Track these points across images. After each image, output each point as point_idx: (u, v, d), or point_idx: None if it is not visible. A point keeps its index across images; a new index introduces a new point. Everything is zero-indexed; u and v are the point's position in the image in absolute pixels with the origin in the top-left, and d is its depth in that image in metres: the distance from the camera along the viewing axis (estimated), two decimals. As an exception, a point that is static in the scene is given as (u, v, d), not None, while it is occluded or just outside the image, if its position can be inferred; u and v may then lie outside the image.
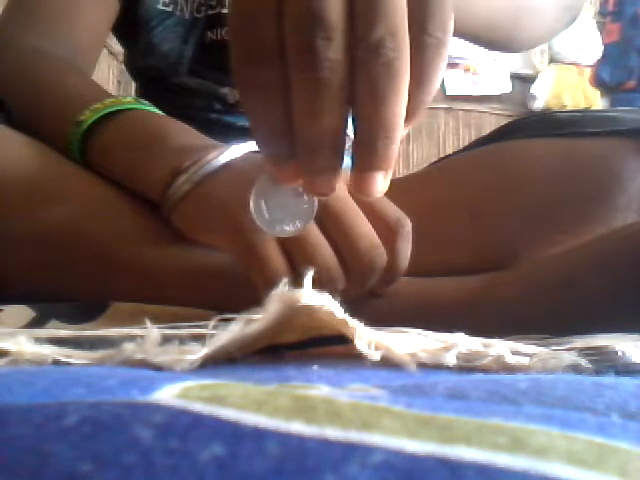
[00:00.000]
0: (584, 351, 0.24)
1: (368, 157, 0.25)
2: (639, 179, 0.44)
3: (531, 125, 0.50)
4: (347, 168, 0.26)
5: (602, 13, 2.39)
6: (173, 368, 0.20)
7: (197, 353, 0.20)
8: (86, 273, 0.40)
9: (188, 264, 0.40)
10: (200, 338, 0.21)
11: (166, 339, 0.21)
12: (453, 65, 2.28)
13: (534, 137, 0.48)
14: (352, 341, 0.21)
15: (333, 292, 0.21)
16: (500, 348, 0.23)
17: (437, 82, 0.25)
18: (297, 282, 0.21)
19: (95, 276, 0.40)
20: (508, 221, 0.45)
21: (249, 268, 0.35)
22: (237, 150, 0.38)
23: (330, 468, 0.11)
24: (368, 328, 0.21)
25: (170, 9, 0.64)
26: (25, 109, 0.46)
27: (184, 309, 0.39)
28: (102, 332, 0.26)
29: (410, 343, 0.22)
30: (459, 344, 0.22)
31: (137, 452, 0.11)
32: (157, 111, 0.43)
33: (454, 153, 0.58)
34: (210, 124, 0.65)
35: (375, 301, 0.39)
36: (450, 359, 0.22)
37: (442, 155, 0.70)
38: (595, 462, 0.11)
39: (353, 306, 0.22)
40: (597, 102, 2.33)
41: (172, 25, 0.65)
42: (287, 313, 0.20)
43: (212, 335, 0.21)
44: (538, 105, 2.30)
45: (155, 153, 0.39)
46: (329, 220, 0.35)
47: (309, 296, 0.20)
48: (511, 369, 0.22)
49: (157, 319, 0.23)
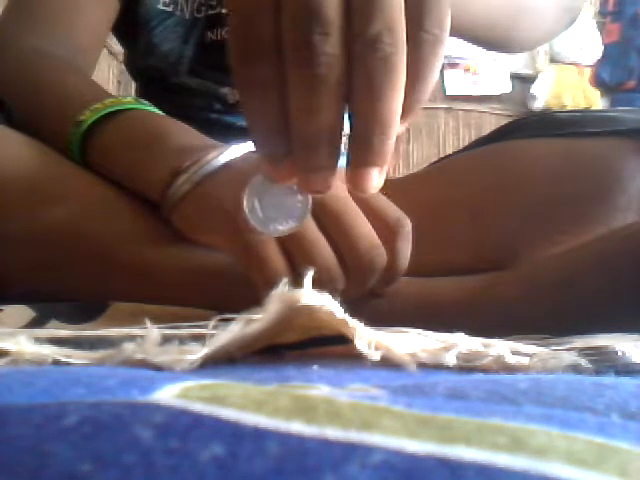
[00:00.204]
0: (584, 351, 0.24)
1: (364, 153, 0.25)
2: (639, 179, 0.44)
3: (531, 125, 0.50)
4: (344, 167, 0.26)
5: (602, 13, 2.39)
6: (173, 368, 0.20)
7: (197, 353, 0.20)
8: (86, 273, 0.40)
9: (188, 264, 0.40)
10: (200, 338, 0.21)
11: (166, 339, 0.21)
12: (453, 65, 2.28)
13: (534, 137, 0.48)
14: (352, 341, 0.21)
15: (333, 292, 0.21)
16: (500, 348, 0.23)
17: (433, 79, 0.25)
18: (297, 282, 0.21)
19: (95, 276, 0.40)
20: (508, 221, 0.45)
21: (249, 268, 0.35)
22: (237, 150, 0.38)
23: (330, 468, 0.11)
24: (368, 328, 0.21)
25: (170, 9, 0.64)
26: (25, 109, 0.46)
27: (184, 309, 0.39)
28: (102, 332, 0.26)
29: (410, 343, 0.22)
30: (459, 344, 0.22)
31: (137, 452, 0.11)
32: (157, 111, 0.43)
33: (454, 153, 0.58)
34: (210, 124, 0.65)
35: (375, 301, 0.39)
36: (450, 359, 0.22)
37: (442, 155, 0.70)
38: (595, 462, 0.11)
39: (353, 306, 0.22)
40: (597, 102, 2.33)
41: (172, 25, 0.64)
42: (287, 313, 0.20)
43: (212, 335, 0.21)
44: (538, 105, 2.30)
45: (155, 153, 0.39)
46: (329, 220, 0.35)
47: (309, 296, 0.20)
48: (511, 369, 0.22)
49: (157, 319, 0.23)
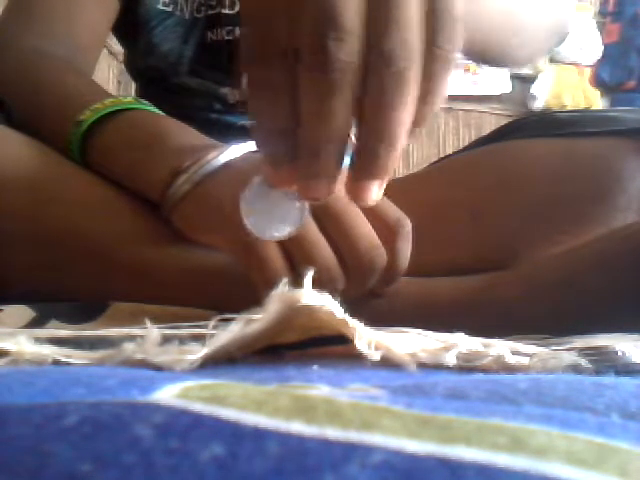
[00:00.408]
0: (584, 351, 0.24)
1: (368, 165, 0.25)
2: (639, 179, 0.44)
3: (531, 125, 0.50)
4: (345, 168, 0.26)
5: (602, 13, 2.39)
6: (173, 368, 0.20)
7: (197, 353, 0.20)
8: (86, 273, 0.40)
9: (188, 264, 0.40)
10: (200, 338, 0.21)
11: (166, 339, 0.21)
12: (453, 65, 2.28)
13: (534, 137, 0.48)
14: (352, 341, 0.21)
15: (333, 292, 0.21)
16: (500, 348, 0.23)
17: (443, 94, 0.25)
18: (297, 282, 0.21)
19: (95, 276, 0.40)
20: (508, 221, 0.45)
21: (249, 268, 0.35)
22: (237, 150, 0.38)
23: (330, 468, 0.11)
24: (368, 328, 0.21)
25: (170, 9, 0.64)
26: (25, 109, 0.46)
27: (184, 309, 0.39)
28: (102, 332, 0.26)
29: (410, 343, 0.22)
30: (459, 344, 0.22)
31: (137, 452, 0.11)
32: (157, 111, 0.43)
33: (454, 153, 0.58)
34: (210, 124, 0.65)
35: (375, 301, 0.39)
36: (450, 359, 0.22)
37: (442, 155, 0.70)
38: (595, 462, 0.11)
39: (353, 306, 0.22)
40: (597, 102, 2.33)
41: (172, 25, 0.64)
42: (287, 313, 0.20)
43: (212, 335, 0.21)
44: (538, 105, 2.30)
45: (155, 153, 0.39)
46: (329, 220, 0.35)
47: (309, 296, 0.20)
48: (511, 369, 0.22)
49: (157, 319, 0.23)
